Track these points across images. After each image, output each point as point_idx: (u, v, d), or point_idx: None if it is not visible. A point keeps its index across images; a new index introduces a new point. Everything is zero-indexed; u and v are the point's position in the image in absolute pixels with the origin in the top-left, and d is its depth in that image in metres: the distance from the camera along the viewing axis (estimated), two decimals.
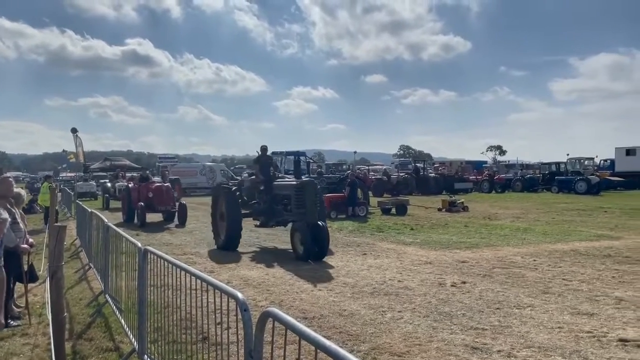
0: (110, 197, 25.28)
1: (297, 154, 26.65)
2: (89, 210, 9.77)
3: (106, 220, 7.14)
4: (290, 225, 11.21)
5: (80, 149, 22.03)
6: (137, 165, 34.27)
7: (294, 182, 10.67)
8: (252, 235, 13.85)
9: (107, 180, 28.39)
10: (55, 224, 4.40)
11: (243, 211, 11.88)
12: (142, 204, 16.93)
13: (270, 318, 2.24)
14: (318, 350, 1.86)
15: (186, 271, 3.63)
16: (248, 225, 15.83)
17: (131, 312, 5.12)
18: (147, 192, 17.60)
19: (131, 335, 4.97)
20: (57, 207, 16.57)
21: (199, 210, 21.17)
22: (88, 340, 5.34)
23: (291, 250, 10.47)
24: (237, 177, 32.30)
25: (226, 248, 11.06)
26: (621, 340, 5.00)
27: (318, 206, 10.24)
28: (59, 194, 27.18)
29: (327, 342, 1.79)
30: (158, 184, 18.10)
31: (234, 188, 11.88)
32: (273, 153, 26.83)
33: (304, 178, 11.88)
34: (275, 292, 7.24)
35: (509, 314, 5.99)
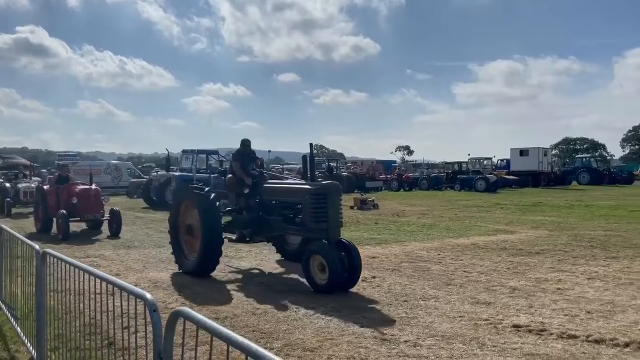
0: (11, 201, 20.83)
1: (209, 152, 26.14)
2: None
3: None
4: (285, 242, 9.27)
5: None
6: (31, 163, 31.61)
7: (308, 186, 7.70)
8: (162, 235, 13.41)
9: (4, 181, 23.25)
10: None
11: None
12: (64, 211, 13.32)
13: (180, 318, 2.20)
14: (230, 348, 1.86)
15: (90, 274, 3.46)
16: (154, 224, 15.26)
17: (29, 319, 4.79)
18: (70, 196, 13.94)
19: (29, 344, 4.65)
20: None
21: None
22: None
23: None
24: (145, 176, 31.12)
25: (199, 272, 8.03)
26: (515, 326, 5.41)
27: (341, 217, 7.67)
28: None
29: (240, 338, 1.79)
30: (84, 187, 14.48)
31: (206, 190, 8.39)
32: (183, 151, 26.12)
33: (322, 180, 8.39)
34: (186, 293, 7.07)
35: (416, 305, 6.29)
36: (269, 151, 61.69)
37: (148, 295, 2.57)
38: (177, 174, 23.56)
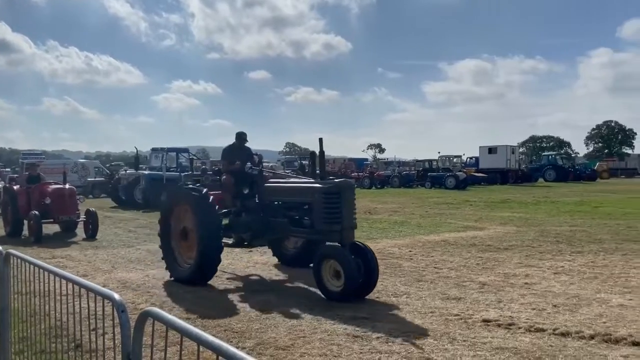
0: None
1: (179, 151, 25.82)
2: None
3: None
4: (289, 246, 8.66)
5: None
6: None
7: (319, 185, 7.09)
8: (131, 235, 13.19)
9: None
10: None
11: None
12: (36, 212, 12.49)
13: (149, 318, 2.16)
14: (201, 348, 1.84)
15: (55, 275, 3.37)
16: (122, 223, 15.02)
17: None
18: (42, 196, 13.11)
19: None
20: None
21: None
22: None
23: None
24: (100, 178, 30.56)
25: (194, 281, 7.32)
26: (484, 320, 5.51)
27: (355, 218, 7.08)
28: None
29: (210, 338, 1.77)
30: (57, 186, 13.59)
31: (205, 191, 7.59)
32: (152, 150, 25.73)
33: (334, 179, 7.58)
34: (156, 293, 6.97)
35: (387, 302, 6.34)
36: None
37: (116, 296, 2.52)
38: (146, 172, 23.21)
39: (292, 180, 8.75)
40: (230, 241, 8.04)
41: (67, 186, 13.64)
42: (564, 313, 5.74)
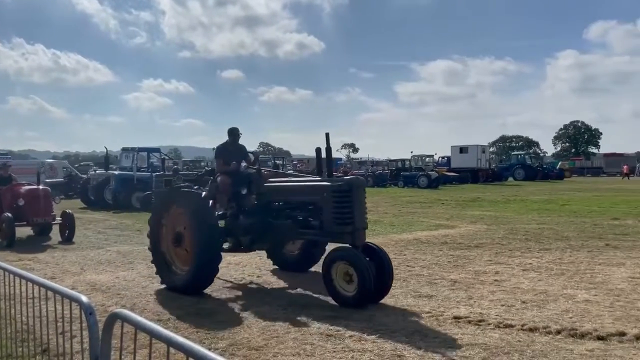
0: None
1: (150, 150, 25.46)
2: None
3: None
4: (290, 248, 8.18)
5: None
6: None
7: (328, 183, 6.58)
8: (101, 237, 12.95)
9: None
10: None
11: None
12: (9, 214, 11.76)
13: (118, 320, 2.14)
14: (172, 349, 1.82)
15: (22, 277, 3.29)
16: (92, 224, 14.77)
17: None
18: (15, 198, 12.39)
19: None
20: None
21: None
22: None
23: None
24: (83, 176, 29.93)
25: (189, 290, 6.73)
26: (455, 317, 5.59)
27: (367, 218, 6.66)
28: None
29: (180, 339, 1.76)
30: (30, 187, 12.86)
31: (203, 192, 7.22)
32: (123, 149, 25.30)
33: (345, 175, 7.17)
34: (126, 295, 6.86)
35: None
36: (214, 149, 60.54)
37: (84, 298, 2.48)
38: (116, 172, 22.82)
39: (296, 178, 8.25)
40: (225, 246, 7.44)
41: (41, 187, 13.01)
42: (532, 309, 5.88)
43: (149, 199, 19.82)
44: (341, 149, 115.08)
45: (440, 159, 47.76)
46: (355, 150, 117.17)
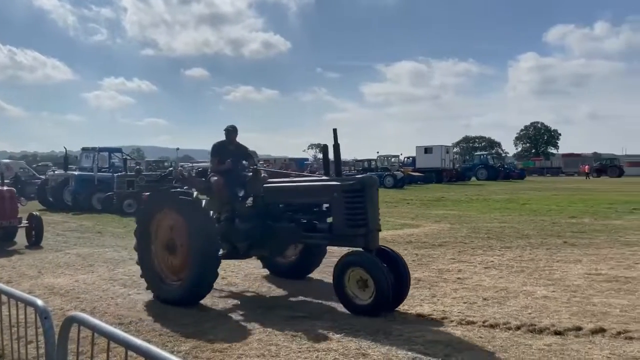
0: None
1: (112, 150, 24.88)
2: None
3: None
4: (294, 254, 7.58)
5: None
6: None
7: (338, 182, 6.20)
8: (59, 239, 12.58)
9: None
10: None
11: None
12: None
13: (75, 324, 2.07)
14: (129, 352, 1.78)
15: None
16: (50, 226, 14.39)
17: None
18: None
19: None
20: None
21: None
22: None
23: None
24: (41, 176, 29.02)
25: (186, 301, 6.19)
26: (419, 315, 5.68)
27: (379, 218, 6.31)
28: None
29: (139, 342, 1.72)
30: None
31: (195, 194, 6.52)
32: (83, 149, 24.66)
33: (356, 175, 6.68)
34: (86, 299, 6.68)
35: (326, 300, 6.38)
36: (177, 149, 59.92)
37: (39, 302, 2.40)
38: (76, 173, 22.22)
39: (299, 179, 7.70)
40: (220, 252, 6.57)
41: (5, 188, 12.17)
42: (493, 306, 6.01)
43: (111, 200, 19.40)
44: (308, 149, 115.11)
45: (405, 159, 48.31)
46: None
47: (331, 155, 6.61)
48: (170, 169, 26.97)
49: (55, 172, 25.07)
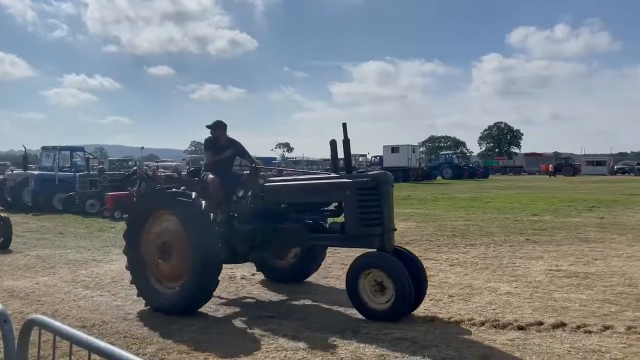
0: None
1: (73, 149, 24.25)
2: None
3: None
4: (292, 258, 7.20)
5: None
6: None
7: (350, 180, 5.79)
8: (18, 240, 12.19)
9: None
10: None
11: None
12: None
13: (36, 327, 2.01)
14: (92, 355, 1.74)
15: None
16: (12, 226, 13.92)
17: None
18: None
19: None
20: None
21: None
22: None
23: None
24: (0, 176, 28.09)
25: (184, 309, 5.73)
26: None
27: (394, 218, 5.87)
28: None
29: (102, 344, 1.68)
30: None
31: (194, 195, 5.89)
32: (43, 148, 23.98)
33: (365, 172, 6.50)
34: (47, 301, 6.49)
35: (295, 300, 6.40)
36: (142, 148, 58.84)
37: None
38: (36, 173, 21.58)
39: (305, 177, 7.17)
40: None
41: None
42: (458, 302, 6.12)
43: (73, 200, 18.93)
44: (275, 148, 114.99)
45: (373, 158, 48.81)
46: (290, 149, 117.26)
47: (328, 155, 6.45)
48: (135, 168, 26.44)
49: (14, 171, 24.29)
